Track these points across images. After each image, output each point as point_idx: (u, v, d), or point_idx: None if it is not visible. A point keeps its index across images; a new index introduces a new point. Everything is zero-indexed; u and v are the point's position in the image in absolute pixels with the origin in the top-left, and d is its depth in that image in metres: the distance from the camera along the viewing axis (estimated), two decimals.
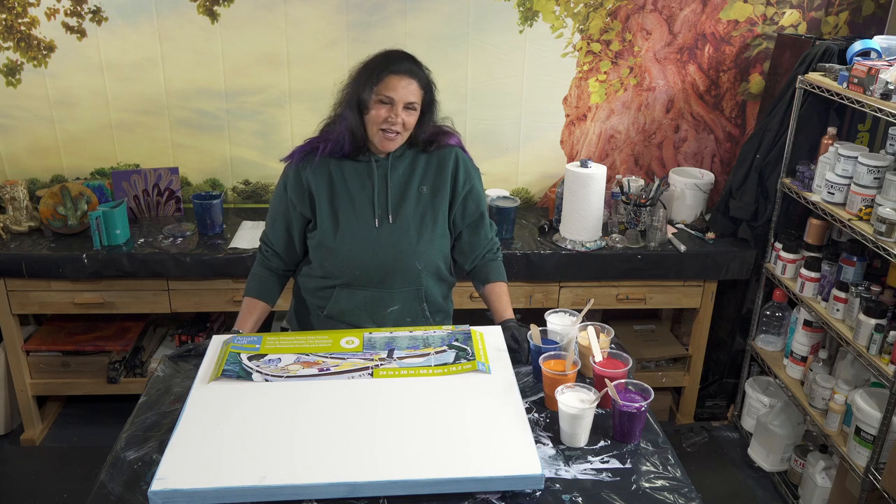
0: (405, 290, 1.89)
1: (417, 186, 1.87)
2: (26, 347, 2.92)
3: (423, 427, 1.46)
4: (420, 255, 1.86)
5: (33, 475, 2.85)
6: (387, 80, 1.74)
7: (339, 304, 1.89)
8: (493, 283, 1.97)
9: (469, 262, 1.98)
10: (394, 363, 1.67)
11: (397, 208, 1.85)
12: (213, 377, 1.61)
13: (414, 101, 1.77)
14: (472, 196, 1.93)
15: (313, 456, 1.37)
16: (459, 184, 1.90)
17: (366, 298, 1.88)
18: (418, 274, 1.88)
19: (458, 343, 1.74)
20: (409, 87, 1.75)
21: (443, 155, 1.89)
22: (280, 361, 1.66)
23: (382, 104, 1.75)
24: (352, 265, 1.85)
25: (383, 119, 1.76)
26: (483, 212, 1.97)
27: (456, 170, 1.89)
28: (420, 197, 1.87)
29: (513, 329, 1.85)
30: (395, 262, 1.85)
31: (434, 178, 1.88)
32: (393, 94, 1.74)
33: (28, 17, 2.83)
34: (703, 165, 3.25)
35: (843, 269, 2.49)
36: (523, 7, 2.93)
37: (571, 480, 1.42)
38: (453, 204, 1.91)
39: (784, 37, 2.95)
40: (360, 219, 1.84)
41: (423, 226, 1.86)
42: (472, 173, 1.94)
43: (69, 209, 2.80)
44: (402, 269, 1.86)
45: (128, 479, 1.41)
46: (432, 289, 1.93)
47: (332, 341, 1.74)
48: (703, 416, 3.24)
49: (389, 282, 1.87)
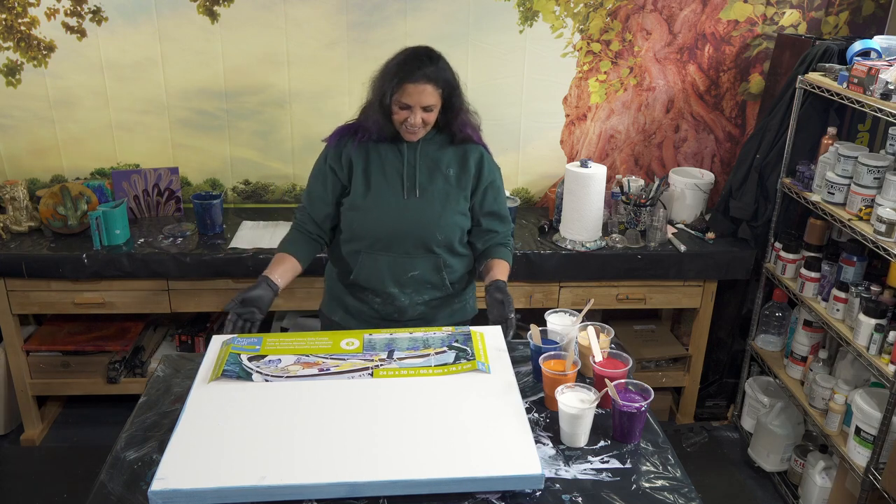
0: (424, 259, 2.00)
1: (445, 169, 1.99)
2: (26, 347, 2.92)
3: (423, 427, 1.46)
4: (441, 227, 1.97)
5: (33, 475, 2.85)
6: (402, 88, 1.85)
7: (364, 269, 2.00)
8: (495, 259, 2.05)
9: (482, 242, 2.08)
10: (394, 363, 1.67)
11: (425, 185, 1.98)
12: (213, 377, 1.61)
13: (430, 103, 1.88)
14: (493, 188, 2.06)
15: (313, 456, 1.37)
16: (483, 176, 2.03)
17: (388, 263, 1.99)
18: (437, 244, 1.98)
19: (458, 344, 1.74)
20: (424, 93, 1.86)
21: (468, 149, 2.03)
22: (280, 362, 1.66)
23: (401, 109, 1.88)
24: (377, 228, 1.96)
25: (403, 120, 1.89)
26: (502, 204, 2.09)
27: (480, 164, 2.03)
28: (447, 178, 1.99)
29: (498, 283, 1.92)
30: (418, 230, 1.97)
31: (459, 166, 2.01)
32: (409, 100, 1.86)
33: (28, 17, 2.83)
34: (703, 165, 3.25)
35: (843, 269, 2.49)
36: (523, 7, 2.93)
37: (571, 480, 1.42)
38: (475, 193, 2.04)
39: (784, 37, 2.95)
40: (391, 188, 1.97)
41: (448, 202, 1.98)
42: (495, 171, 2.08)
43: (69, 209, 2.80)
44: (423, 239, 1.97)
45: (128, 479, 1.41)
46: (449, 260, 2.03)
47: (332, 342, 1.75)
48: (703, 416, 3.24)
49: (412, 249, 1.98)
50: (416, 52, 1.89)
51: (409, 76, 1.83)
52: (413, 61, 1.86)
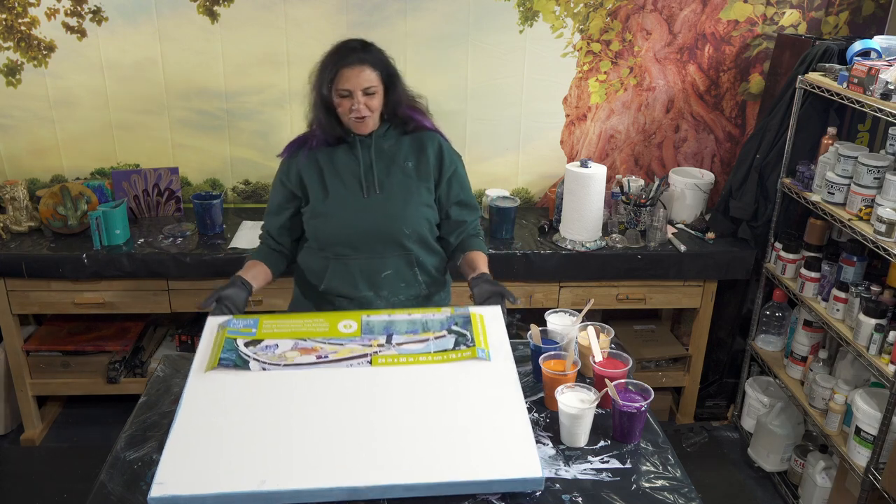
0: (395, 257, 1.97)
1: (402, 162, 1.97)
2: (26, 347, 2.92)
3: (424, 427, 1.45)
4: (406, 220, 1.95)
5: (33, 475, 2.85)
6: (339, 74, 1.85)
7: (336, 276, 1.97)
8: (473, 251, 2.03)
9: (455, 235, 2.06)
10: (392, 349, 1.64)
11: (384, 180, 1.95)
12: (210, 367, 1.58)
13: (370, 85, 1.86)
14: (456, 177, 2.03)
15: (313, 459, 1.36)
16: (445, 167, 2.00)
17: (359, 266, 1.96)
18: (406, 239, 1.96)
19: (458, 328, 1.70)
20: (361, 75, 1.85)
21: (424, 138, 2.00)
22: (277, 348, 1.63)
23: (343, 97, 1.87)
24: (342, 230, 1.94)
25: (348, 109, 1.87)
26: (468, 192, 2.07)
27: (440, 154, 2.00)
28: (405, 170, 1.97)
29: (485, 276, 1.91)
30: (384, 227, 1.94)
31: (417, 157, 1.98)
32: (348, 84, 1.85)
33: (28, 17, 2.83)
34: (703, 165, 3.25)
35: (843, 269, 2.49)
36: (523, 7, 2.93)
37: (571, 480, 1.42)
38: (439, 184, 2.01)
39: (784, 37, 2.95)
40: (349, 190, 1.95)
41: (409, 194, 1.96)
42: (455, 159, 2.05)
43: (69, 209, 2.80)
44: (391, 235, 1.95)
45: (128, 479, 1.41)
46: (422, 256, 2.00)
47: (330, 325, 1.71)
48: (703, 416, 3.24)
49: (380, 248, 1.95)
50: (346, 41, 1.91)
51: (344, 61, 1.85)
52: (345, 49, 1.88)
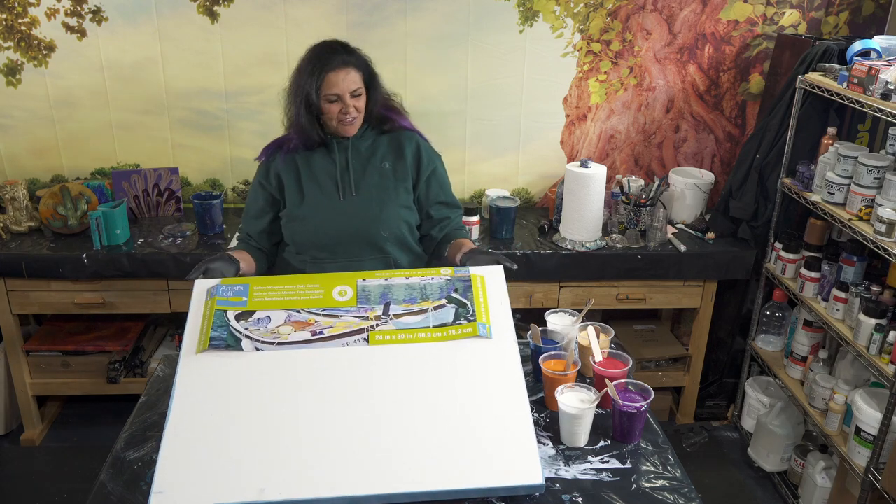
0: (374, 259, 1.96)
1: (379, 163, 1.96)
2: (26, 347, 2.92)
3: (425, 429, 1.42)
4: (384, 222, 1.94)
5: (33, 475, 2.85)
6: (326, 79, 1.84)
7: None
8: (460, 239, 2.03)
9: (438, 229, 2.05)
10: (390, 324, 1.57)
11: (360, 182, 1.95)
12: (201, 347, 1.53)
13: (357, 87, 1.87)
14: (436, 177, 2.03)
15: (312, 464, 1.35)
16: (423, 166, 2.00)
17: (336, 269, 1.93)
18: (384, 242, 1.95)
19: (458, 295, 1.64)
20: (348, 78, 1.86)
21: (401, 138, 1.99)
22: (270, 321, 1.58)
23: (331, 102, 1.86)
24: (318, 234, 1.93)
25: (337, 112, 1.87)
26: (448, 192, 2.06)
27: (418, 154, 1.99)
28: (382, 171, 1.96)
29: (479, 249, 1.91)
30: (361, 230, 1.93)
31: (394, 157, 1.98)
32: (336, 89, 1.85)
33: (28, 17, 2.83)
34: (703, 165, 3.25)
35: (843, 269, 2.49)
36: (523, 7, 2.93)
37: (571, 480, 1.42)
38: (417, 184, 2.00)
39: (784, 37, 2.95)
40: (325, 193, 1.94)
41: (386, 196, 1.95)
42: (434, 158, 2.04)
43: (69, 209, 2.80)
44: (368, 237, 1.94)
45: (128, 479, 1.41)
46: (401, 259, 1.99)
47: (325, 291, 1.64)
48: (703, 416, 3.24)
49: (358, 251, 1.95)
50: (325, 43, 1.90)
51: (329, 65, 1.83)
52: (327, 52, 1.86)
